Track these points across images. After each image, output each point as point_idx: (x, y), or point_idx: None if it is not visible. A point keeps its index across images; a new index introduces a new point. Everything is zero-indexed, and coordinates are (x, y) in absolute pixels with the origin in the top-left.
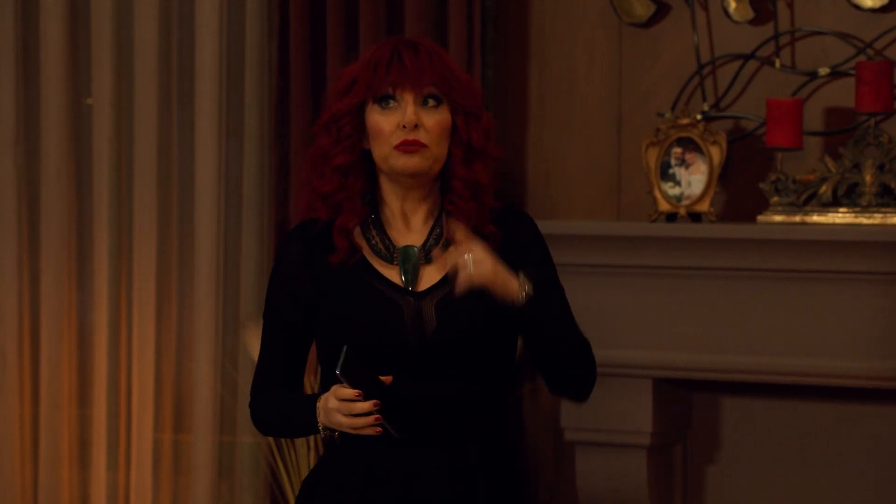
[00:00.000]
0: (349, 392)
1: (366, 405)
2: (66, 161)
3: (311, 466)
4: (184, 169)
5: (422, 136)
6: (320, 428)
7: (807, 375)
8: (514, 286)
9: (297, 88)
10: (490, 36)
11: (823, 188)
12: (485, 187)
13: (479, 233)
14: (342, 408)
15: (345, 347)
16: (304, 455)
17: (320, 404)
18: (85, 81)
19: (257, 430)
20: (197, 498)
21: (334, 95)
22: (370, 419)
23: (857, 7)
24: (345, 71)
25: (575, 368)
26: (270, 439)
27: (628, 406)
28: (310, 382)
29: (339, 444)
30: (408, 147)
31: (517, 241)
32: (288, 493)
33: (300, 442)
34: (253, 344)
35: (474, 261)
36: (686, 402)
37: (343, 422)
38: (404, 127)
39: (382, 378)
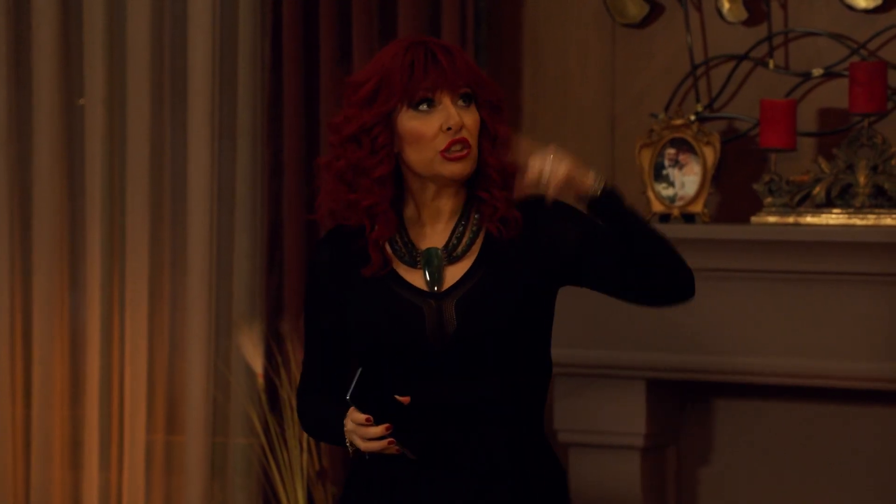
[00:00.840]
0: (360, 417)
1: (378, 430)
2: (58, 161)
3: (304, 467)
4: (176, 168)
5: (466, 135)
6: (347, 445)
7: (800, 377)
8: (590, 177)
9: (290, 87)
10: (483, 36)
11: (817, 189)
12: (514, 175)
13: (504, 218)
14: (357, 431)
15: (359, 370)
16: (296, 456)
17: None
18: (77, 82)
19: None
20: (189, 499)
21: (356, 105)
22: (383, 443)
23: (851, 8)
24: (360, 78)
25: (667, 260)
26: (263, 440)
27: (622, 407)
28: None
29: (369, 460)
30: (457, 153)
31: (541, 223)
32: (280, 493)
33: (293, 443)
34: (245, 345)
35: (553, 160)
36: (679, 404)
37: (359, 445)
38: (448, 129)
39: (400, 398)
